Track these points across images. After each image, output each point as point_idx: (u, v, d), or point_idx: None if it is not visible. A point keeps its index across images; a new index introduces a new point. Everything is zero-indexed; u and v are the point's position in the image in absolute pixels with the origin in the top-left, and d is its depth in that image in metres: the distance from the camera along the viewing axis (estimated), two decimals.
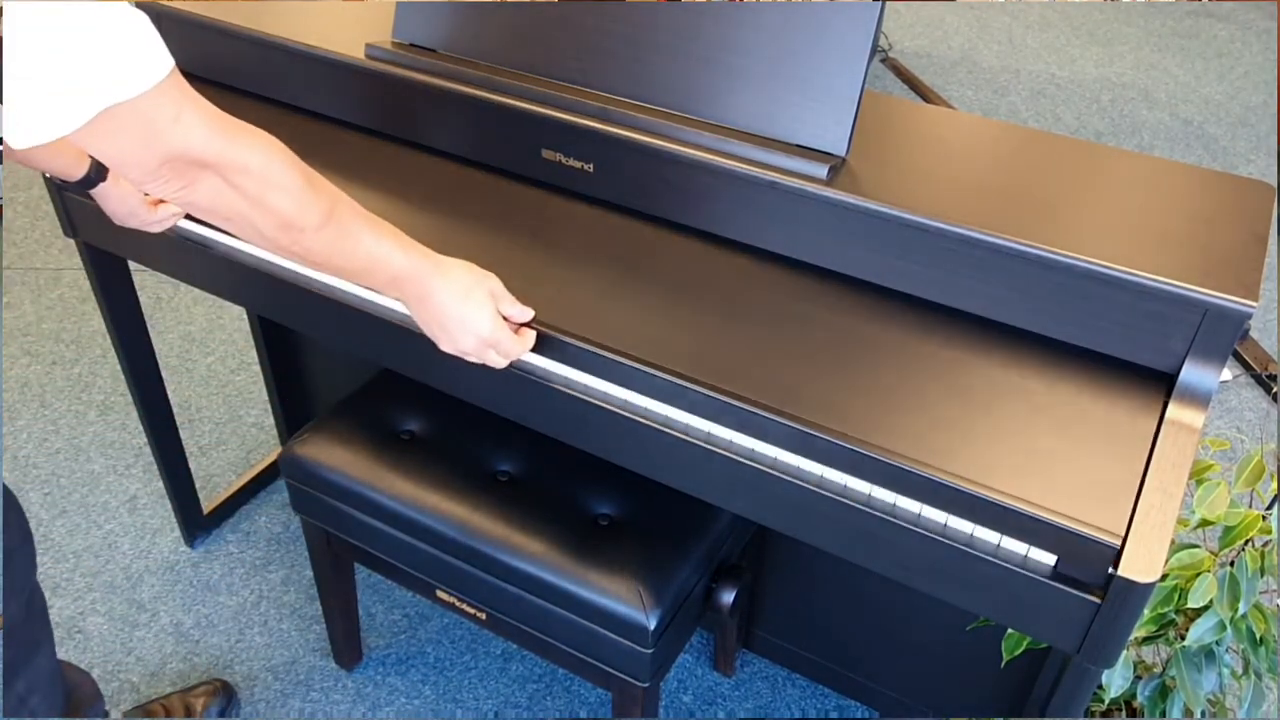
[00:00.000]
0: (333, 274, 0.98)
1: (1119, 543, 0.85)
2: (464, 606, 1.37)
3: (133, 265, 1.52)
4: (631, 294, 1.12)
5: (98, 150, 0.80)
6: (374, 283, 0.99)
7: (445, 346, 1.03)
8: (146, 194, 1.18)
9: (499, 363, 1.04)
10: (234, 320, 2.52)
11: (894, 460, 0.92)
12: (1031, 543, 0.89)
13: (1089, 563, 0.86)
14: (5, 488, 1.06)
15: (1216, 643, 1.14)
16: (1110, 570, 0.86)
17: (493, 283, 1.03)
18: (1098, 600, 0.87)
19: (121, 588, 1.81)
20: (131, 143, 0.78)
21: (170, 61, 0.78)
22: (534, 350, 1.07)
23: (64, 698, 1.22)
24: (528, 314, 1.06)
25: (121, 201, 1.18)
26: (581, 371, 1.07)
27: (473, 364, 1.05)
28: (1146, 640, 1.23)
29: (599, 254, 1.17)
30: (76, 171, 1.12)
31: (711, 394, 0.99)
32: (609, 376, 1.05)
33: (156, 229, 1.23)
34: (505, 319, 1.04)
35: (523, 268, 1.23)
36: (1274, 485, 1.14)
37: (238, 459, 2.11)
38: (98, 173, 1.14)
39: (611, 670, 1.26)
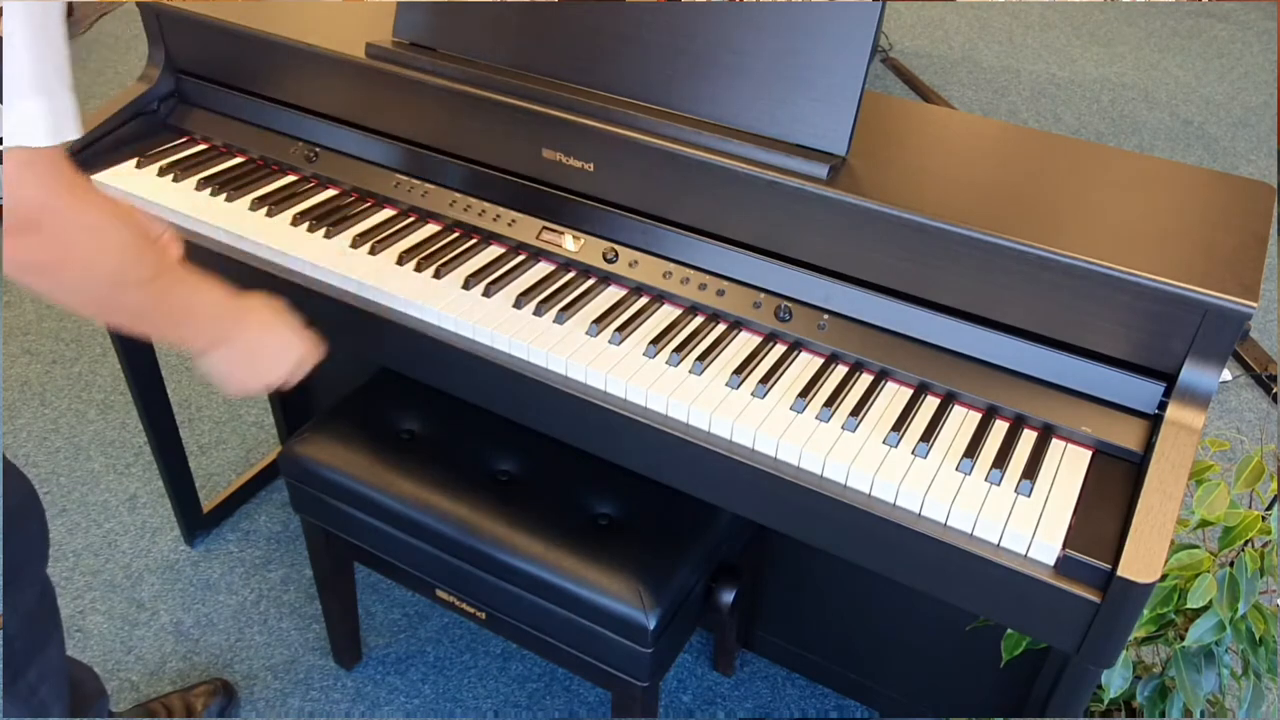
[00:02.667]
0: (151, 330, 0.96)
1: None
2: (464, 606, 1.37)
3: None
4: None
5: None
6: (189, 330, 0.97)
7: (253, 384, 1.04)
8: None
9: (296, 377, 1.06)
10: None
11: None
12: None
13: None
14: (28, 480, 1.07)
15: (1216, 643, 1.14)
16: (1110, 566, 0.86)
17: (285, 310, 1.06)
18: (1097, 600, 0.87)
19: (121, 586, 1.81)
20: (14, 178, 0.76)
21: (72, 134, 0.77)
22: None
23: (70, 692, 1.22)
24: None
25: None
26: (581, 373, 1.08)
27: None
28: (1146, 640, 1.23)
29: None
30: None
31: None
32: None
33: None
34: None
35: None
36: (1274, 486, 1.14)
37: (238, 458, 2.10)
38: None
39: (611, 670, 1.26)
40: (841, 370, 1.09)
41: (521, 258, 1.24)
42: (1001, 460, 0.97)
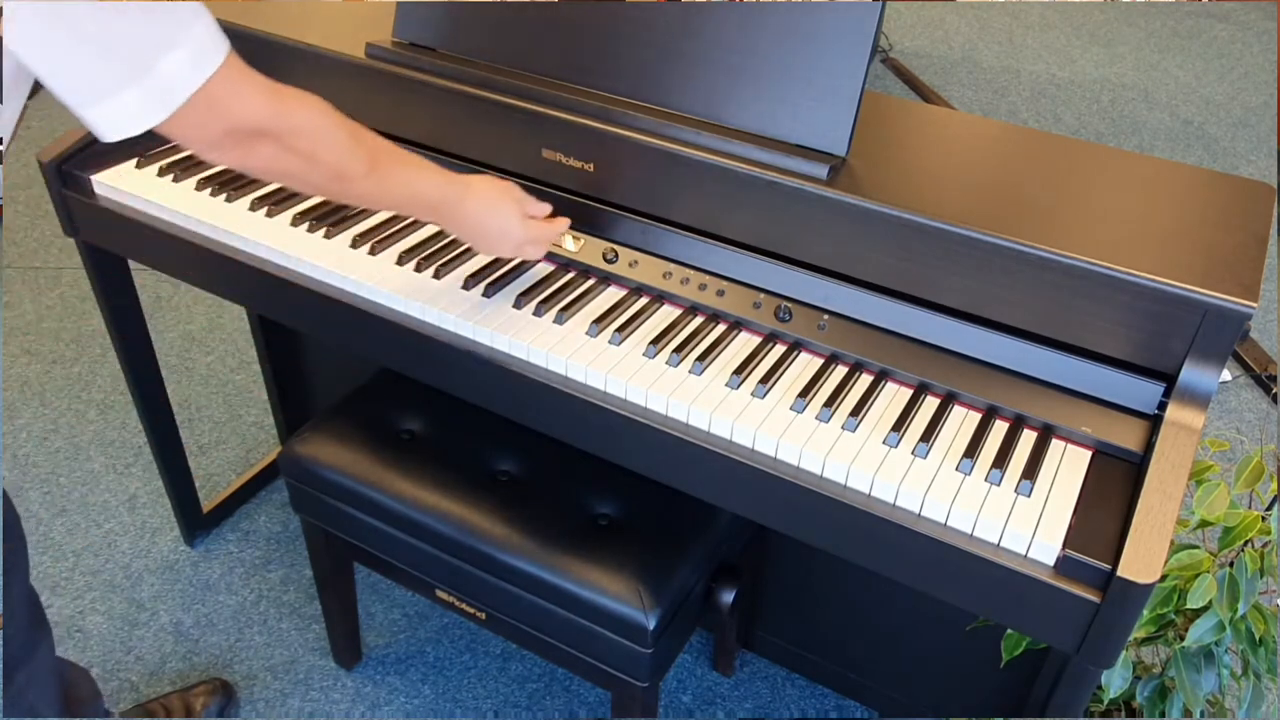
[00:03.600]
0: (380, 209, 1.11)
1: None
2: (463, 606, 1.37)
3: (133, 265, 1.52)
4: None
5: (164, 129, 0.85)
6: (416, 213, 1.11)
7: (486, 253, 1.17)
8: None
9: (538, 254, 1.18)
10: (234, 320, 2.52)
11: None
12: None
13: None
14: (4, 491, 1.07)
15: (1216, 643, 1.14)
16: (1110, 566, 0.86)
17: (515, 190, 1.15)
18: (1097, 600, 0.87)
19: (121, 587, 1.81)
20: (197, 120, 0.85)
21: (227, 43, 0.85)
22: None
23: (61, 693, 1.22)
24: (547, 208, 1.19)
25: None
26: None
27: (472, 356, 1.05)
28: (1146, 641, 1.23)
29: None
30: None
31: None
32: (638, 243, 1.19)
33: None
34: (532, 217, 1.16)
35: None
36: (1273, 486, 1.14)
37: (237, 458, 2.10)
38: None
39: (611, 670, 1.26)
40: (841, 370, 1.09)
41: None
42: (1001, 460, 0.97)
